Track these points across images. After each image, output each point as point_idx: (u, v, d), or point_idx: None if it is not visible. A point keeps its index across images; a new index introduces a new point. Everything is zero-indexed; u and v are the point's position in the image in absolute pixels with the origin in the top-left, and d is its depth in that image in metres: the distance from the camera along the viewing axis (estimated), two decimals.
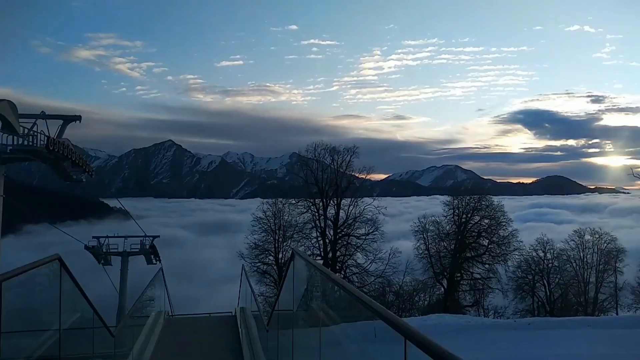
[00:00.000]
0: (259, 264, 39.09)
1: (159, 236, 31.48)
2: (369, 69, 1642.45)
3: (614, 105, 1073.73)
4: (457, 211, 43.14)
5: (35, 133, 19.01)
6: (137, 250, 29.36)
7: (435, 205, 52.70)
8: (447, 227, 43.40)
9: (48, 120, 20.12)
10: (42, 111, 20.23)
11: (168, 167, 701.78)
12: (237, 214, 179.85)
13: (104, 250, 28.59)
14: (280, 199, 41.57)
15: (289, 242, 39.14)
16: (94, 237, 28.86)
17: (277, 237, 39.47)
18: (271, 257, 39.36)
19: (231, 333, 11.50)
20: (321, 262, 39.84)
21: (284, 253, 38.36)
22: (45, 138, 19.05)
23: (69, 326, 6.06)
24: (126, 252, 28.66)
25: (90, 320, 7.20)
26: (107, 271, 28.63)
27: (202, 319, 15.35)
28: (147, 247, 29.78)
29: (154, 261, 30.81)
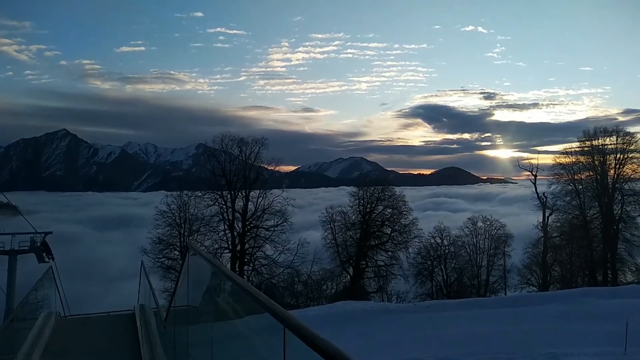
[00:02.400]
0: (164, 259, 37.95)
1: (51, 232, 29.53)
2: (277, 60, 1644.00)
3: (504, 102, 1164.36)
4: (362, 201, 44.47)
5: None
6: (27, 248, 27.28)
7: (342, 196, 53.84)
8: (353, 217, 44.64)
9: None
10: None
11: (62, 158, 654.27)
12: (140, 208, 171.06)
13: None
14: (186, 192, 40.51)
15: (195, 235, 38.33)
16: None
17: (182, 231, 38.51)
18: (176, 252, 38.27)
19: (129, 332, 11.01)
20: (229, 255, 39.45)
21: None
22: None
23: None
24: (14, 250, 26.53)
25: None
26: None
27: (98, 319, 14.52)
28: (39, 244, 27.77)
29: (46, 259, 28.74)
